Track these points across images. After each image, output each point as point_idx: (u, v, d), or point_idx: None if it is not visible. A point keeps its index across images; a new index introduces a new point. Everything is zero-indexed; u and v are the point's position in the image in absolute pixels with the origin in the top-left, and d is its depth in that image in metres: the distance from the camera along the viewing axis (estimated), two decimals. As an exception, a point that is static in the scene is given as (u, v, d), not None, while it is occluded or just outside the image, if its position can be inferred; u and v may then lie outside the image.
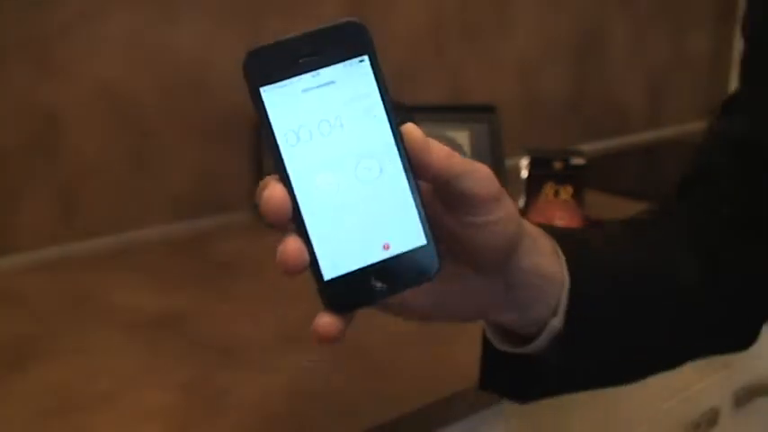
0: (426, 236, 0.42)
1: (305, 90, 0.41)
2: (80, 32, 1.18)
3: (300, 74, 0.41)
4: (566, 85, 1.93)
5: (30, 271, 1.14)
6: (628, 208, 1.02)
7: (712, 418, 1.28)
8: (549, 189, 1.32)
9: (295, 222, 0.41)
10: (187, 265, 1.17)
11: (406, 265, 0.42)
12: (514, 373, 0.56)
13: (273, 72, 0.40)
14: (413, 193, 0.42)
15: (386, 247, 0.42)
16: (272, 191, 0.41)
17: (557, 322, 0.53)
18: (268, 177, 0.42)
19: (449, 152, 0.44)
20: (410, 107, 1.21)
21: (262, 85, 0.40)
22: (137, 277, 1.12)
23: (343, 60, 0.42)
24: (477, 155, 1.44)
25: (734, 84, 2.50)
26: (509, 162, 1.54)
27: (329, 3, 1.43)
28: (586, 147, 1.95)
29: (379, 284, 0.42)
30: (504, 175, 1.44)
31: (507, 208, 0.47)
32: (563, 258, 0.54)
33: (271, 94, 0.40)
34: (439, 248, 0.43)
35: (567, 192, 1.30)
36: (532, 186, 1.33)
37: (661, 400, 1.20)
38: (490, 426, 0.94)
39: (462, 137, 1.45)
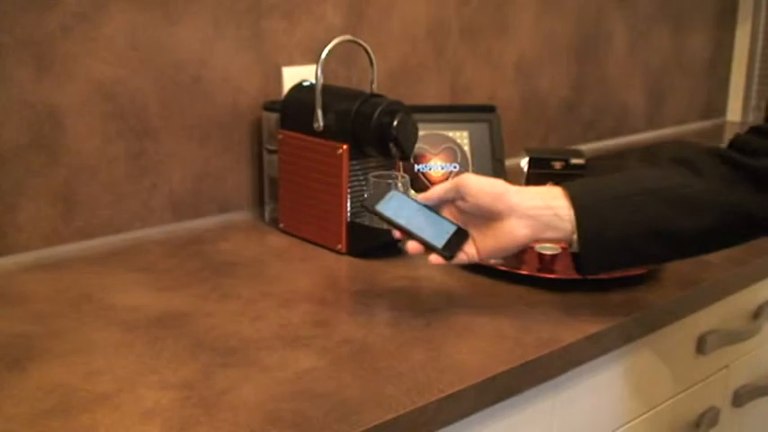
0: (456, 226, 0.96)
1: (385, 203, 0.96)
2: (80, 32, 1.18)
3: (386, 195, 0.97)
4: (565, 85, 1.94)
5: (30, 271, 1.14)
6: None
7: (712, 418, 1.28)
8: (548, 189, 1.32)
9: (412, 238, 0.94)
10: (187, 265, 1.17)
11: (460, 235, 0.95)
12: (579, 261, 0.94)
13: (375, 201, 0.95)
14: (438, 214, 0.97)
15: (448, 232, 0.94)
16: (394, 233, 0.95)
17: (575, 236, 0.92)
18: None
19: (426, 193, 0.97)
20: (410, 107, 1.21)
21: (374, 206, 0.94)
22: (137, 277, 1.12)
23: (391, 192, 0.98)
24: (477, 155, 1.44)
25: (734, 84, 2.52)
26: (509, 162, 1.54)
27: (329, 3, 1.43)
28: (586, 147, 1.96)
29: (454, 241, 0.94)
30: (503, 175, 1.44)
31: (470, 181, 0.93)
32: (566, 192, 0.92)
33: (380, 207, 0.95)
34: (463, 230, 0.96)
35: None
36: (532, 186, 1.33)
37: (661, 400, 1.20)
38: (489, 426, 0.94)
39: (462, 137, 1.45)
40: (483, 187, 0.92)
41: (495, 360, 0.90)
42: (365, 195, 1.20)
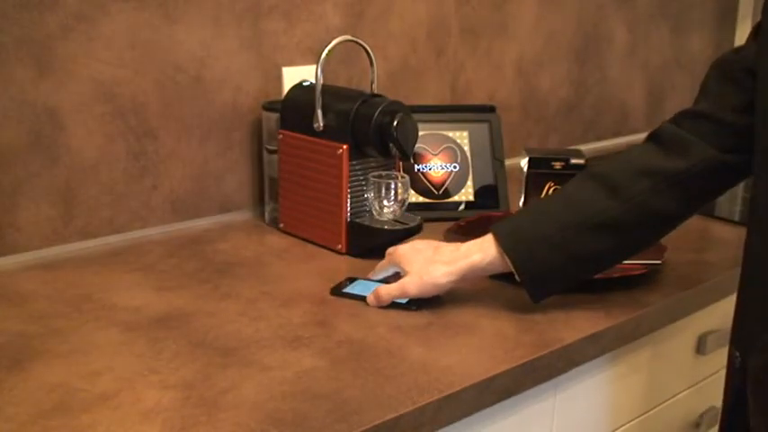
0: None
1: (351, 287, 1.08)
2: (80, 32, 1.18)
3: (350, 283, 1.10)
4: (565, 85, 1.94)
5: (30, 271, 1.14)
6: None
7: (712, 418, 1.28)
8: (549, 189, 1.32)
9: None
10: (187, 264, 1.17)
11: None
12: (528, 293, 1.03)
13: (342, 288, 1.08)
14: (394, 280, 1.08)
15: None
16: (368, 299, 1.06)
17: (513, 269, 1.00)
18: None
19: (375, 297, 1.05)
20: (410, 107, 1.21)
21: (342, 290, 1.08)
22: (137, 277, 1.12)
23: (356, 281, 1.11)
24: (477, 155, 1.44)
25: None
26: (509, 162, 1.54)
27: (329, 3, 1.43)
28: (586, 147, 1.96)
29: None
30: (503, 175, 1.44)
31: (409, 270, 1.04)
32: (497, 242, 1.00)
33: (346, 289, 1.08)
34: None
35: (566, 192, 1.30)
36: (532, 186, 1.33)
37: (661, 400, 1.20)
38: (489, 426, 0.94)
39: (462, 137, 1.45)
40: (412, 263, 1.04)
41: (495, 360, 0.90)
42: (365, 195, 1.20)
